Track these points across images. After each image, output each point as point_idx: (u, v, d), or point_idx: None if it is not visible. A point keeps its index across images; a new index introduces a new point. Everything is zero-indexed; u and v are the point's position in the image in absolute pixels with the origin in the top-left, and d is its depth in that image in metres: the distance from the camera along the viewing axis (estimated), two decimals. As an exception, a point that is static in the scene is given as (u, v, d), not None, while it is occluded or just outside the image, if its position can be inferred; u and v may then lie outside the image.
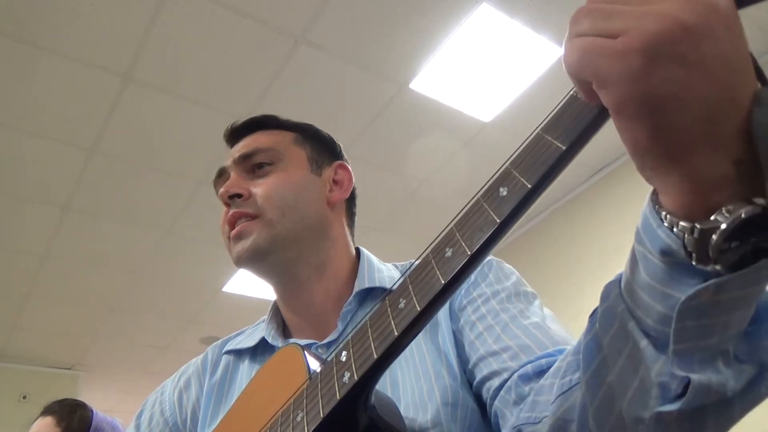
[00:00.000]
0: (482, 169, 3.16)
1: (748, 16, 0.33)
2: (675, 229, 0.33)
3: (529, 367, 0.58)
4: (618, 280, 0.41)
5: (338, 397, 0.49)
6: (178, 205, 3.21)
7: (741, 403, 0.37)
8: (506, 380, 0.59)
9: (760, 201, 0.30)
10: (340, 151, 0.90)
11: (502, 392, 0.59)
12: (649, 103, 0.30)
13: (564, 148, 0.38)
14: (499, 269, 0.75)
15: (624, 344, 0.39)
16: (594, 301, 0.40)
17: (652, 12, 0.30)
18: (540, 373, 0.57)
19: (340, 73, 2.55)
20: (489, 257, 0.76)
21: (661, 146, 0.31)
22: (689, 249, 0.32)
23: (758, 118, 0.30)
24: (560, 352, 0.60)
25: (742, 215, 0.30)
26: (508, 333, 0.64)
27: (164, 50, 2.36)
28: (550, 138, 0.39)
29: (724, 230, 0.30)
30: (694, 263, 0.33)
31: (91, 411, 1.83)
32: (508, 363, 0.60)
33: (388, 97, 2.72)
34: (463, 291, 0.73)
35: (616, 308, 0.40)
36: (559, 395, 0.46)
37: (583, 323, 0.44)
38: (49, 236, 3.33)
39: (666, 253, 0.34)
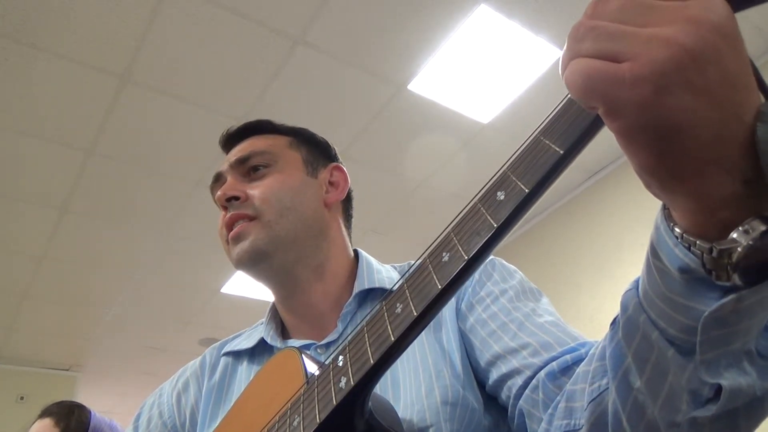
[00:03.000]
0: (481, 171, 3.16)
1: (744, 17, 0.33)
2: (692, 248, 0.33)
3: (554, 364, 0.57)
4: (635, 288, 0.41)
5: (335, 402, 0.49)
6: (177, 206, 3.20)
7: None
8: (530, 378, 0.59)
9: None
10: (335, 153, 0.90)
11: (527, 391, 0.58)
12: (657, 131, 0.30)
13: (561, 152, 0.38)
14: (503, 268, 0.76)
15: (650, 353, 0.39)
16: (592, 303, 0.40)
17: (659, 37, 0.29)
18: (566, 369, 0.56)
19: (338, 75, 2.55)
20: (490, 256, 0.76)
21: (668, 169, 0.31)
22: (708, 267, 0.33)
23: (761, 134, 0.29)
24: (582, 345, 0.60)
25: (760, 233, 0.30)
26: (525, 330, 0.64)
27: (162, 51, 2.36)
28: (547, 142, 0.39)
29: (744, 249, 0.31)
30: (714, 280, 0.33)
31: (89, 412, 1.83)
32: (530, 360, 0.60)
33: (386, 99, 2.72)
34: (469, 290, 0.73)
35: (638, 318, 0.40)
36: (591, 401, 0.46)
37: (581, 325, 0.43)
38: (46, 237, 3.33)
39: (685, 271, 0.34)
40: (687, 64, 0.28)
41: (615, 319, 0.43)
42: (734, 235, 0.31)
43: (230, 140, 0.87)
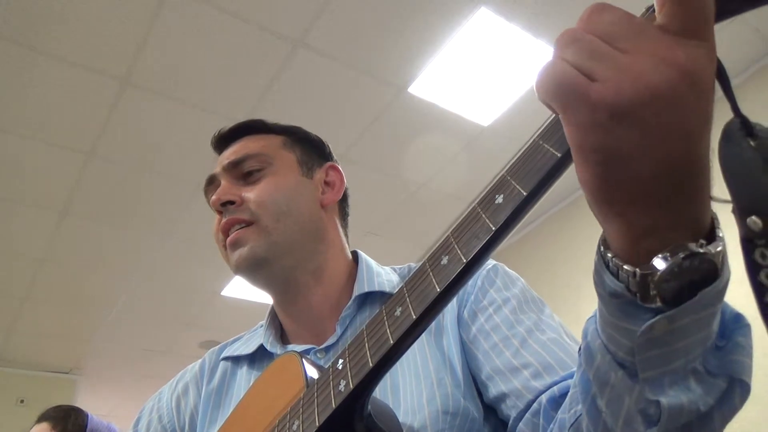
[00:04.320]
0: (481, 173, 3.16)
1: (742, 19, 0.33)
2: (620, 272, 0.35)
3: (555, 390, 0.58)
4: (595, 316, 0.43)
5: (333, 405, 0.49)
6: (177, 208, 3.21)
7: (719, 416, 0.39)
8: (532, 402, 0.59)
9: (692, 245, 0.33)
10: (330, 152, 0.89)
11: (528, 415, 0.58)
12: (601, 154, 0.32)
13: (559, 155, 0.38)
14: (505, 275, 0.75)
15: (607, 377, 0.40)
16: (591, 306, 0.41)
17: (632, 69, 0.30)
18: (566, 395, 0.56)
19: (338, 77, 2.56)
20: (493, 262, 0.75)
21: (604, 193, 0.34)
22: (633, 290, 0.35)
23: (725, 152, 0.31)
24: None
25: (678, 261, 0.33)
26: (528, 348, 0.63)
27: (162, 54, 2.36)
28: (546, 145, 0.39)
29: (662, 274, 0.33)
30: (639, 302, 0.35)
31: (87, 415, 1.84)
32: (532, 383, 0.60)
33: (386, 101, 2.72)
34: (471, 297, 0.72)
35: (594, 344, 0.41)
36: (570, 427, 0.47)
37: (581, 328, 0.44)
38: (46, 240, 3.33)
39: (615, 295, 0.37)
40: (646, 103, 0.30)
41: (581, 346, 0.45)
42: (655, 261, 0.33)
43: (222, 141, 0.86)
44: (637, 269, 0.34)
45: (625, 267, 0.35)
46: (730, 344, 0.39)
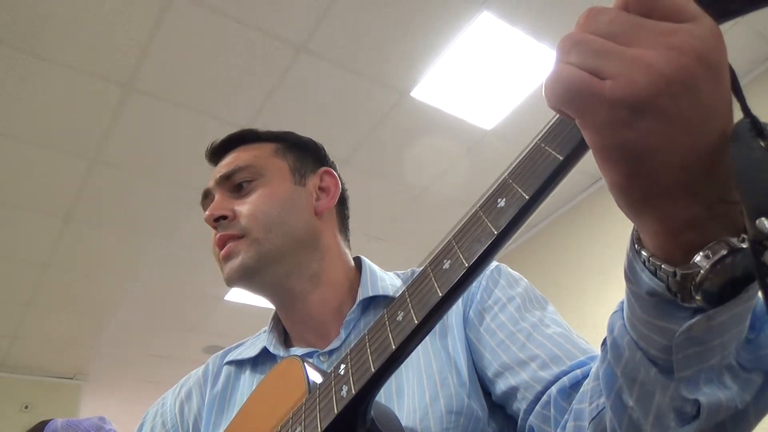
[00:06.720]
0: (484, 177, 3.16)
1: (746, 22, 0.33)
2: (658, 272, 0.34)
3: (565, 380, 0.57)
4: (620, 310, 0.42)
5: (336, 411, 0.49)
6: (180, 213, 3.21)
7: (755, 411, 0.39)
8: (541, 393, 0.59)
9: (733, 241, 0.32)
10: (325, 155, 0.89)
11: (538, 407, 0.58)
12: (627, 151, 0.31)
13: (561, 158, 0.38)
14: (509, 275, 0.76)
15: (636, 373, 0.40)
16: (596, 309, 0.41)
17: (641, 60, 0.30)
18: (576, 385, 0.56)
19: (341, 82, 2.56)
20: (496, 263, 0.76)
21: (635, 190, 0.33)
22: (673, 290, 0.34)
23: (735, 152, 0.30)
24: (591, 359, 0.60)
25: (720, 258, 0.32)
26: (534, 341, 0.63)
27: (165, 59, 2.37)
28: (548, 148, 0.39)
29: (706, 272, 0.32)
30: (680, 302, 0.34)
31: (49, 422, 1.81)
32: (540, 373, 0.60)
33: (389, 106, 2.72)
34: (477, 297, 0.73)
35: (623, 340, 0.41)
36: (591, 421, 0.47)
37: (586, 331, 0.44)
38: (50, 245, 3.33)
39: (653, 294, 0.36)
40: (663, 92, 0.29)
41: (605, 339, 0.44)
42: (697, 259, 0.32)
43: (216, 154, 0.86)
44: (677, 269, 0.33)
45: (664, 266, 0.34)
46: (762, 336, 0.38)
